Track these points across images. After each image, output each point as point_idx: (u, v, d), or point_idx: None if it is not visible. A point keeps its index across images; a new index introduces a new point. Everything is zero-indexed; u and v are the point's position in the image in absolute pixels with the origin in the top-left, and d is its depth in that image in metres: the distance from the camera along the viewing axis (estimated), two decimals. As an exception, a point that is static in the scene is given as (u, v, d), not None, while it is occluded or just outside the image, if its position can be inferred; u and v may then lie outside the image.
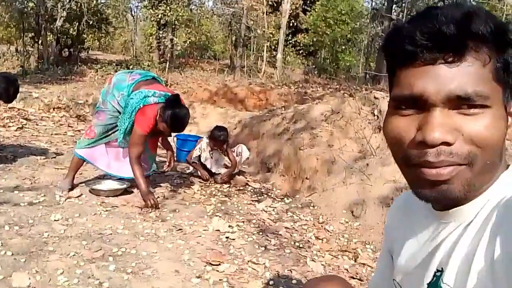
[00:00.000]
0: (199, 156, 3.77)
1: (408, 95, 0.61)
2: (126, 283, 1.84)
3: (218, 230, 2.60)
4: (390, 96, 0.66)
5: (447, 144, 0.58)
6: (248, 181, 3.83)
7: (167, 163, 3.21)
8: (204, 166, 3.79)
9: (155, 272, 1.97)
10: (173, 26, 15.44)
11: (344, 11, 13.58)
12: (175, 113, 2.69)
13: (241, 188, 3.63)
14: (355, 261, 2.37)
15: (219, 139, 3.63)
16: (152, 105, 2.73)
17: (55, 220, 2.41)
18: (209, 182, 3.69)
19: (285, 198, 3.41)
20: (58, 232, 2.26)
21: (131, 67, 12.36)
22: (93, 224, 2.44)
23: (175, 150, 4.44)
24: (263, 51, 15.02)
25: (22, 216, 2.40)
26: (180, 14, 13.84)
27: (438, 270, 0.66)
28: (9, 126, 4.84)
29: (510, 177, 0.65)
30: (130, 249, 2.17)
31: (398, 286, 0.80)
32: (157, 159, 3.39)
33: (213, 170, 3.79)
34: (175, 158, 3.53)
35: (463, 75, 0.57)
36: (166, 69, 13.22)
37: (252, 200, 3.31)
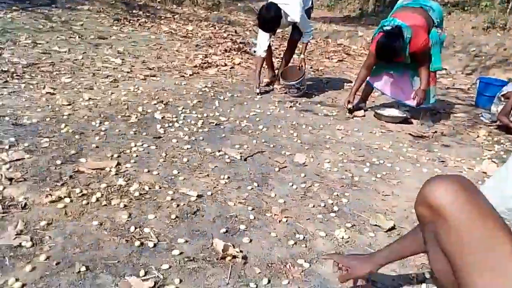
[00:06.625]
0: None
1: None
2: (372, 183, 2.21)
3: (485, 173, 2.51)
4: None
5: None
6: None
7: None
8: None
9: (400, 183, 2.24)
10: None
11: None
12: (382, 42, 2.88)
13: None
14: None
15: None
16: (379, 34, 3.01)
17: (338, 129, 3.00)
18: None
19: None
20: (337, 137, 2.83)
21: None
22: (366, 138, 2.88)
23: (475, 93, 4.20)
24: None
25: (316, 122, 3.11)
26: None
27: None
28: (332, 59, 5.79)
29: None
30: (388, 162, 2.49)
31: None
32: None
33: None
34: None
35: None
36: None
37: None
